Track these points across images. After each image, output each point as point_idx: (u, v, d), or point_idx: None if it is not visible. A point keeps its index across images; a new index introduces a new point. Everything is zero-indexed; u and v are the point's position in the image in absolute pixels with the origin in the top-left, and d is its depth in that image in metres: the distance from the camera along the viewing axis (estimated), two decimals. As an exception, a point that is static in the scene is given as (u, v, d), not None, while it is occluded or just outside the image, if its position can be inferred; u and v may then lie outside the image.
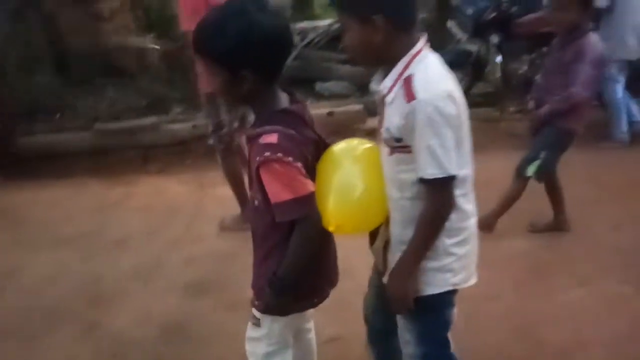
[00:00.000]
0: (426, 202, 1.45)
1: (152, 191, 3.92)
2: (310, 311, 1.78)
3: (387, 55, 1.45)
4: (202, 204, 3.71)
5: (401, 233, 1.53)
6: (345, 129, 4.33)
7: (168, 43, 5.81)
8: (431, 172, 1.40)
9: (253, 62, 1.43)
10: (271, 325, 1.65)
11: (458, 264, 1.56)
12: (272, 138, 1.43)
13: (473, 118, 1.57)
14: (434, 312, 1.60)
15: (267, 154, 1.42)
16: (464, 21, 4.33)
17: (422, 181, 1.43)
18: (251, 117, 3.33)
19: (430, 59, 1.46)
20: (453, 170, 1.41)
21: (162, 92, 5.52)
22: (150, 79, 5.64)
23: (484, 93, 5.08)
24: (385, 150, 1.51)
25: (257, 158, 1.44)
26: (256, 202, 1.56)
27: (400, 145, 1.46)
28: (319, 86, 5.70)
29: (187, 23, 2.98)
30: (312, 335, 1.88)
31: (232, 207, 3.31)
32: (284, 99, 1.54)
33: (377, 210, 1.56)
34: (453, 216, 1.49)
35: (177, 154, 4.54)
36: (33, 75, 5.70)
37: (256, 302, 1.65)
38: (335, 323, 2.31)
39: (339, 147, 1.59)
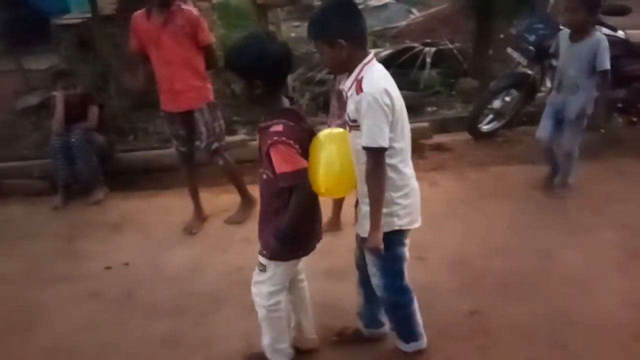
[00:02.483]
0: (366, 164, 2.05)
1: (258, 197, 4.22)
2: (301, 265, 2.40)
3: (350, 65, 2.06)
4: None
5: (361, 188, 2.17)
6: (413, 143, 4.73)
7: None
8: (367, 142, 2.01)
9: (263, 75, 2.05)
10: (275, 269, 2.26)
11: (403, 211, 2.18)
12: (279, 127, 2.05)
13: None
14: (388, 248, 2.15)
15: (275, 138, 2.03)
16: (524, 47, 4.77)
17: (364, 148, 2.03)
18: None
19: (376, 67, 2.06)
20: (383, 143, 1.99)
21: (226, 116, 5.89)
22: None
23: (527, 113, 5.55)
24: (347, 129, 2.13)
25: (269, 141, 2.03)
26: (264, 177, 2.17)
27: (354, 125, 2.07)
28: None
29: None
30: (304, 285, 2.50)
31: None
32: (286, 102, 2.16)
33: (351, 176, 2.16)
34: (395, 176, 2.10)
35: (262, 167, 4.93)
36: (106, 99, 6.16)
37: (264, 252, 2.26)
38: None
39: (322, 134, 2.18)
